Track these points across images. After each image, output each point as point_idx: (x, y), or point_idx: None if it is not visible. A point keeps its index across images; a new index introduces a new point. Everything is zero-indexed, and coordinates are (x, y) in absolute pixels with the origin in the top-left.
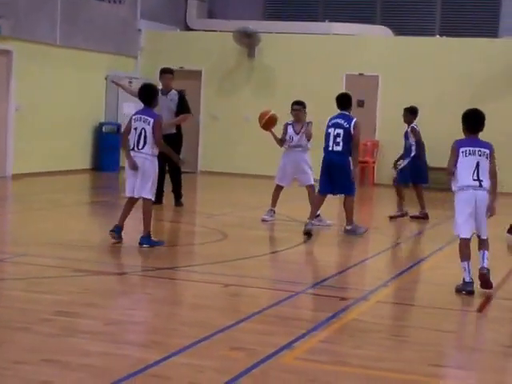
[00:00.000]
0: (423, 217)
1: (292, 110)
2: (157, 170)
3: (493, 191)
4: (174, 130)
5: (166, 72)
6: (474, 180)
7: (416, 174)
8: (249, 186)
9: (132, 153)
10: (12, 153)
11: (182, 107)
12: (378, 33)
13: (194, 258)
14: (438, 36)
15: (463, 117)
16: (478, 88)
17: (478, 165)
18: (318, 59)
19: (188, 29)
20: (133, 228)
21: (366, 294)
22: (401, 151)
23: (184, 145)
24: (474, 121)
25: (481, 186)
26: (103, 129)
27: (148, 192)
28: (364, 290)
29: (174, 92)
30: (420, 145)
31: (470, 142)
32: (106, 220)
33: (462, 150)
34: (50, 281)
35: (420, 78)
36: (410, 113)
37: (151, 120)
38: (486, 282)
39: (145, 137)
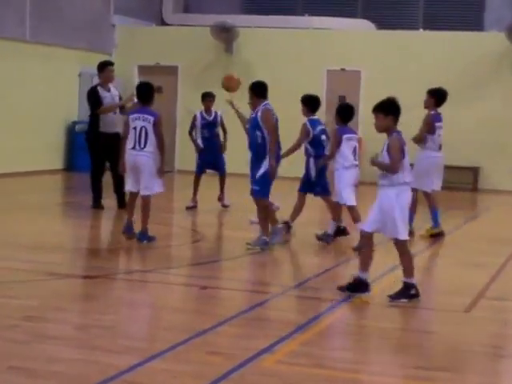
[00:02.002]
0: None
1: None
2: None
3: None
4: (116, 129)
5: (109, 64)
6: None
7: None
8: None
9: (133, 152)
10: None
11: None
12: (360, 26)
13: (170, 260)
14: (421, 30)
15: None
16: (462, 82)
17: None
18: (298, 54)
19: (164, 24)
20: (105, 229)
21: (348, 295)
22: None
23: None
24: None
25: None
26: (76, 128)
27: (151, 189)
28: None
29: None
30: None
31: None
32: (79, 221)
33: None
34: (18, 285)
35: (403, 72)
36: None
37: (151, 118)
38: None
39: (146, 135)
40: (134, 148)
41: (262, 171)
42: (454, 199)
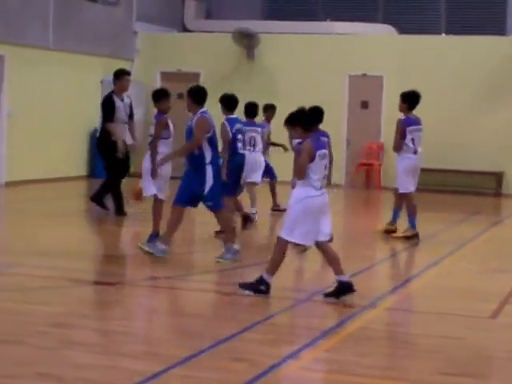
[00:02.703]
0: None
1: None
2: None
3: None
4: (125, 138)
5: (126, 74)
6: None
7: None
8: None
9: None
10: (4, 160)
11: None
12: (382, 31)
13: (193, 267)
14: (443, 34)
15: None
16: (484, 86)
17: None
18: (319, 60)
19: (185, 30)
20: (132, 237)
21: (373, 301)
22: None
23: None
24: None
25: None
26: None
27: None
28: (370, 297)
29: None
30: None
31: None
32: (102, 228)
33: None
34: (44, 291)
35: (425, 77)
36: None
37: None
38: None
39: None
40: None
41: (209, 184)
42: (477, 204)
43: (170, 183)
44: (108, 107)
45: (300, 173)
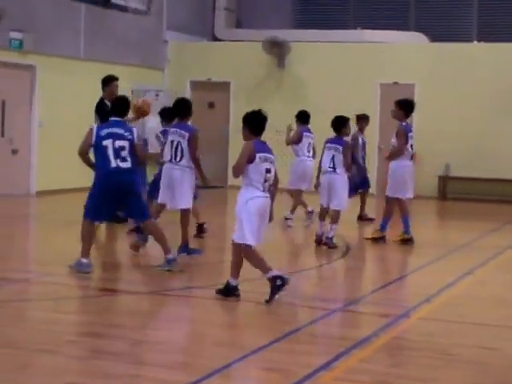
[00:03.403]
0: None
1: None
2: (193, 182)
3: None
4: None
5: (114, 79)
6: None
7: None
8: (280, 199)
9: (170, 165)
10: (36, 169)
11: None
12: (413, 39)
13: (226, 276)
14: (475, 42)
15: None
16: None
17: None
18: (350, 68)
19: (215, 39)
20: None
21: (408, 310)
22: (441, 161)
23: (213, 158)
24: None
25: None
26: None
27: (187, 203)
28: (405, 306)
29: None
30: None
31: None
32: (130, 238)
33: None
34: (74, 301)
35: (457, 85)
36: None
37: (187, 134)
38: None
39: (181, 150)
40: (170, 161)
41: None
42: (510, 213)
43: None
44: (103, 111)
45: (234, 171)
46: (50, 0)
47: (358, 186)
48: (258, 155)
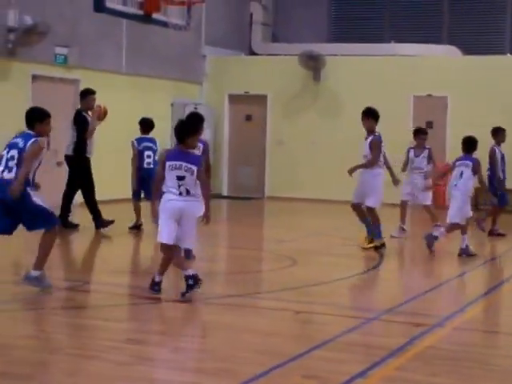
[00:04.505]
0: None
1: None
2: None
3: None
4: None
5: (91, 93)
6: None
7: None
8: (316, 211)
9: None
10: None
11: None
12: (445, 52)
13: (264, 285)
14: (508, 54)
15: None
16: None
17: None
18: (384, 81)
19: (252, 53)
20: (198, 255)
21: (442, 320)
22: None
23: (250, 170)
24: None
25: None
26: None
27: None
28: (440, 315)
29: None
30: None
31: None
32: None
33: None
34: (117, 308)
35: (490, 97)
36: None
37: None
38: None
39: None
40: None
41: None
42: None
43: None
44: (83, 123)
45: (155, 177)
46: (93, 16)
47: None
48: (167, 163)
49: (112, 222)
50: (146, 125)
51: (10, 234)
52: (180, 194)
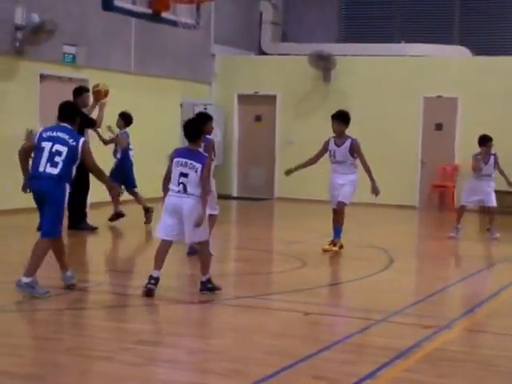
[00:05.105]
0: None
1: None
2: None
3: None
4: None
5: (85, 91)
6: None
7: None
8: (326, 212)
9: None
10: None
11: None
12: (456, 53)
13: (274, 286)
14: None
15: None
16: None
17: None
18: (394, 82)
19: (262, 53)
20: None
21: (450, 321)
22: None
23: (260, 171)
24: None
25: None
26: None
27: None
28: (448, 317)
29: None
30: None
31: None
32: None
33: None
34: (130, 310)
35: (501, 98)
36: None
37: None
38: None
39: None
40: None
41: None
42: None
43: None
44: (87, 118)
45: (165, 174)
46: (101, 15)
47: None
48: (174, 160)
49: (95, 228)
50: (129, 118)
51: None
52: (178, 190)
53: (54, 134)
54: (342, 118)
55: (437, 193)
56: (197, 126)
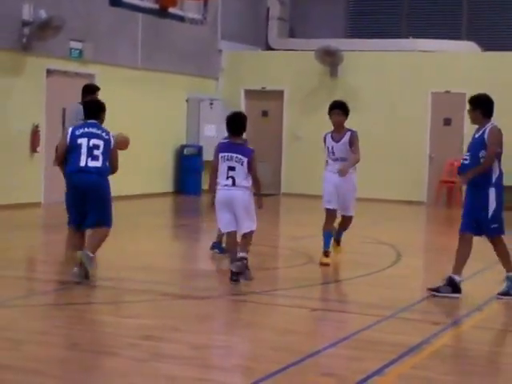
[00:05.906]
0: None
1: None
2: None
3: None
4: None
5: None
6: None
7: None
8: None
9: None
10: None
11: None
12: (465, 49)
13: (280, 282)
14: None
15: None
16: None
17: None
18: (402, 77)
19: (269, 48)
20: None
21: (459, 318)
22: None
23: (267, 166)
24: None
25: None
26: (185, 151)
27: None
28: (456, 314)
29: None
30: None
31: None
32: (191, 243)
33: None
34: (134, 305)
35: (509, 94)
36: None
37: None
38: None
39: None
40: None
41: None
42: None
43: None
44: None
45: (211, 169)
46: (108, 10)
47: None
48: (220, 155)
49: None
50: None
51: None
52: (227, 184)
53: (87, 130)
54: (342, 108)
55: (445, 188)
56: (242, 120)
